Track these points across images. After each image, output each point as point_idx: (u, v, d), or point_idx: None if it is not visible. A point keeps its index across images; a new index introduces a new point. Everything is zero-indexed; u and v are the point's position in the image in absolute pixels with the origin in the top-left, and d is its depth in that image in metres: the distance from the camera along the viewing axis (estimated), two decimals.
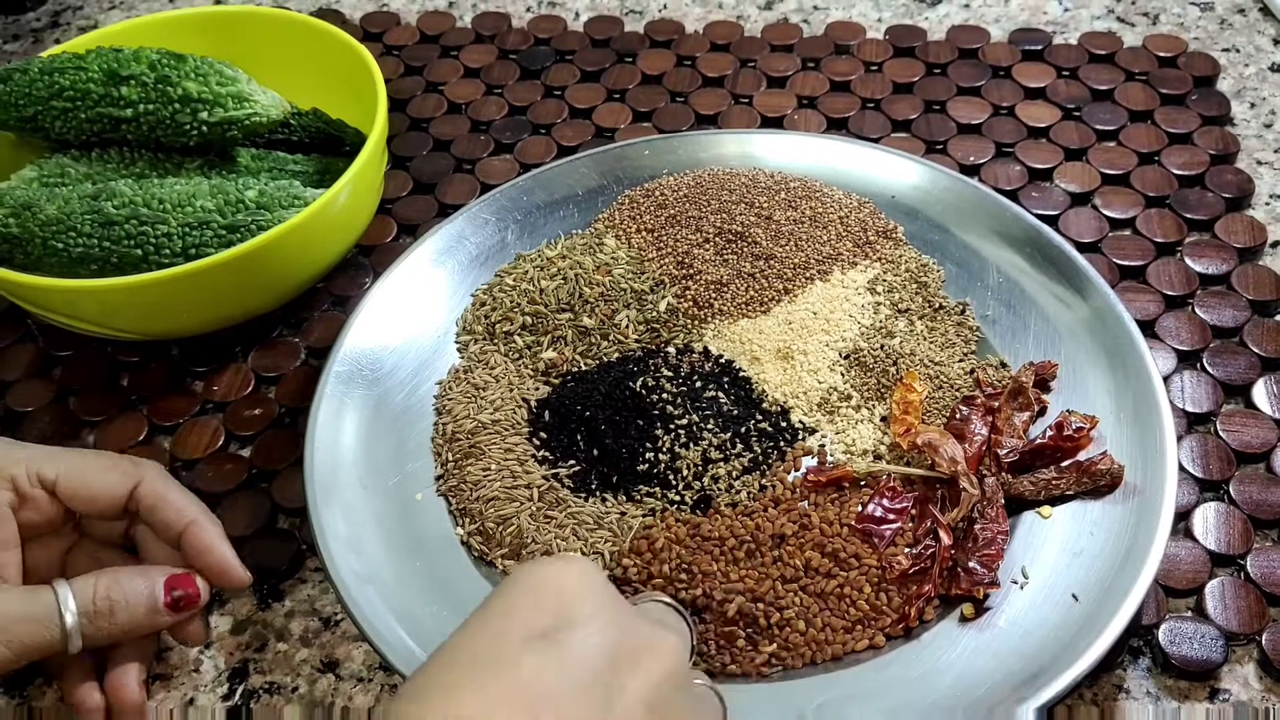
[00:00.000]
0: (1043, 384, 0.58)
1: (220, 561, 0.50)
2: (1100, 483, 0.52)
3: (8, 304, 0.68)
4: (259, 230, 0.60)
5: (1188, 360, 0.62)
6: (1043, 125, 0.75)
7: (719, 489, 0.55)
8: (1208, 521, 0.55)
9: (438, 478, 0.57)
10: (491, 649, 0.35)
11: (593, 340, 0.61)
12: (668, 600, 0.45)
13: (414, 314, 0.62)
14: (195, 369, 0.65)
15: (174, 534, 0.50)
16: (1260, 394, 0.60)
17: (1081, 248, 0.66)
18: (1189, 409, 0.59)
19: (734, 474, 0.55)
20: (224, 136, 0.65)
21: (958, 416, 0.56)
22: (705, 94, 0.79)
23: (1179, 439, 0.57)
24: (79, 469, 0.50)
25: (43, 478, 0.49)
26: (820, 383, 0.59)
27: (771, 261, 0.63)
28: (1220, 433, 0.58)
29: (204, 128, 0.64)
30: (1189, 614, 0.52)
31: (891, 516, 0.53)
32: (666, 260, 0.64)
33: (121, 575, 0.48)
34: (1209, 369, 0.61)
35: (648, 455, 0.56)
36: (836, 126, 0.77)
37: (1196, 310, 0.64)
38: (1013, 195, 0.70)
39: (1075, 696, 0.50)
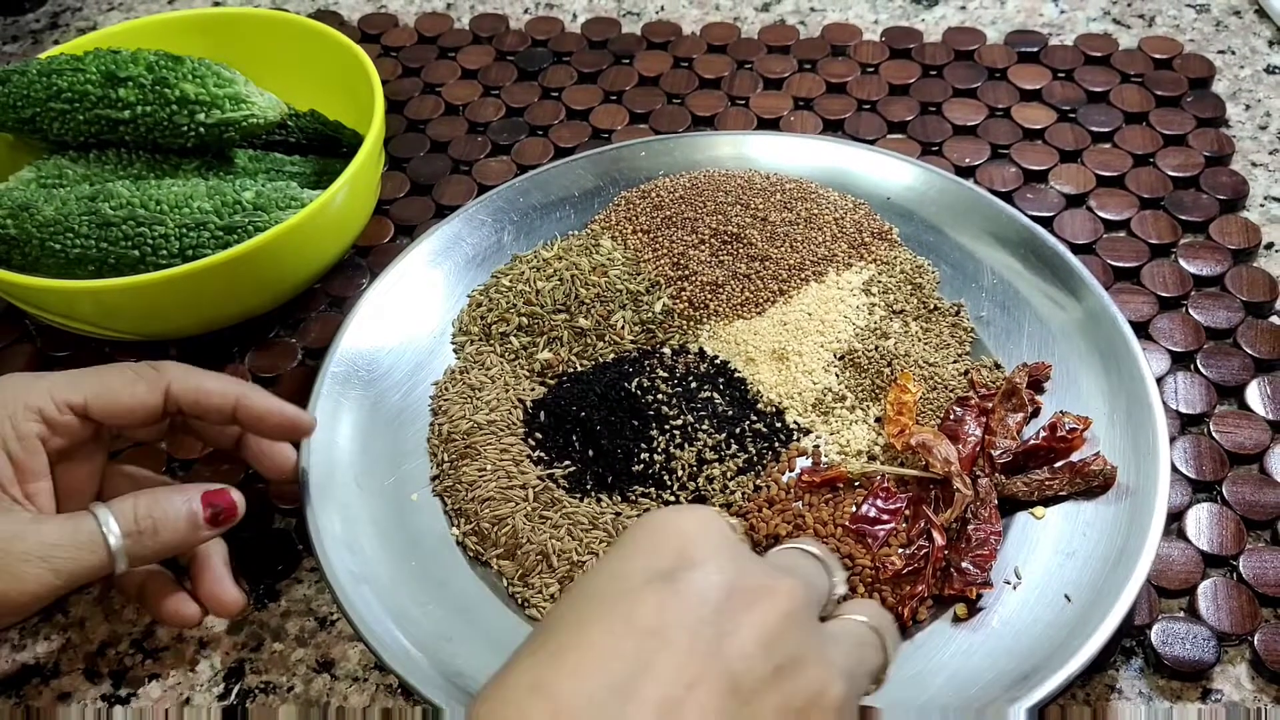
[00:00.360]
0: (1036, 385, 0.58)
1: (283, 419, 0.52)
2: (1093, 484, 0.53)
3: (5, 304, 0.68)
4: (256, 231, 0.60)
5: (1181, 361, 0.62)
6: (1038, 127, 0.75)
7: (714, 490, 0.55)
8: (1200, 522, 0.55)
9: (433, 478, 0.57)
10: (612, 587, 0.36)
11: (588, 341, 0.61)
12: (804, 547, 0.44)
13: (410, 315, 0.63)
14: None
15: (227, 416, 0.51)
16: (1253, 395, 0.60)
17: (1076, 249, 0.66)
18: (1182, 410, 0.59)
19: (729, 474, 0.55)
20: (221, 138, 0.65)
21: (952, 417, 0.56)
22: (702, 95, 0.79)
23: (1172, 440, 0.57)
24: (107, 388, 0.49)
25: (71, 404, 0.49)
26: (815, 383, 0.59)
27: (767, 263, 0.64)
28: (1213, 434, 0.58)
29: (201, 129, 0.64)
30: (1181, 614, 0.52)
31: (885, 517, 0.53)
32: (662, 261, 0.64)
33: (160, 494, 0.48)
34: (1203, 370, 0.61)
35: (643, 456, 0.56)
36: (833, 128, 0.77)
37: (1190, 311, 0.64)
38: (1008, 197, 0.70)
39: (1068, 697, 0.50)
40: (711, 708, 0.33)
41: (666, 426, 0.57)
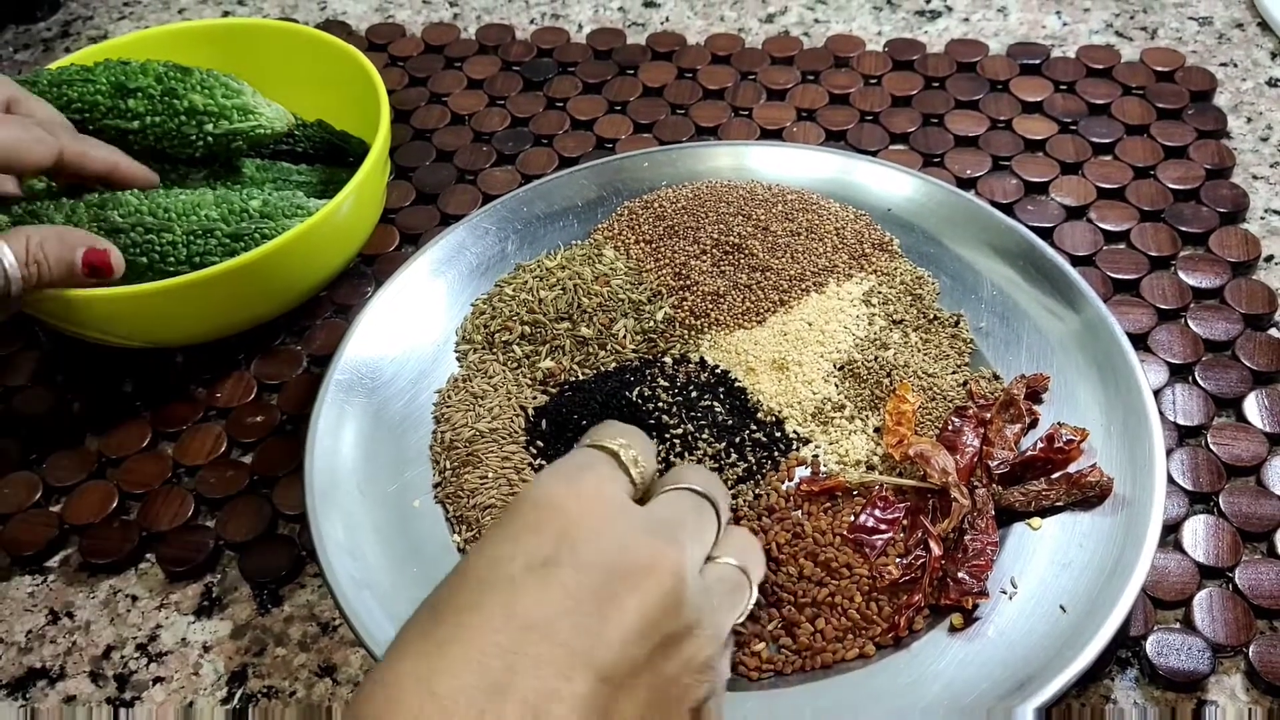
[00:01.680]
0: (1034, 396, 0.58)
1: (142, 181, 0.62)
2: (1090, 495, 0.53)
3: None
4: (263, 239, 0.61)
5: (1180, 373, 0.62)
6: (1039, 139, 0.75)
7: None
8: (1197, 534, 0.55)
9: (436, 485, 0.57)
10: (494, 574, 0.37)
11: (590, 350, 0.61)
12: (688, 485, 0.44)
13: (414, 323, 0.63)
14: (199, 376, 0.66)
15: (102, 175, 0.61)
16: (1251, 407, 0.60)
17: (1076, 261, 0.67)
18: (1180, 422, 0.59)
19: (728, 483, 0.56)
20: (229, 148, 0.65)
21: (950, 428, 0.57)
22: (705, 106, 0.80)
23: (1170, 451, 0.57)
24: (11, 142, 0.57)
25: None
26: (814, 393, 0.59)
27: (768, 273, 0.64)
28: (1211, 445, 0.58)
29: (209, 139, 0.65)
30: (1177, 625, 0.52)
31: (883, 526, 0.53)
32: (664, 271, 0.65)
33: (49, 236, 0.55)
34: (1201, 382, 0.61)
35: None
36: (835, 139, 0.77)
37: (1189, 324, 0.64)
38: (1009, 208, 0.70)
39: (1063, 707, 0.50)
40: (581, 700, 0.34)
41: (667, 435, 0.57)
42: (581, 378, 0.61)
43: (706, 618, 0.39)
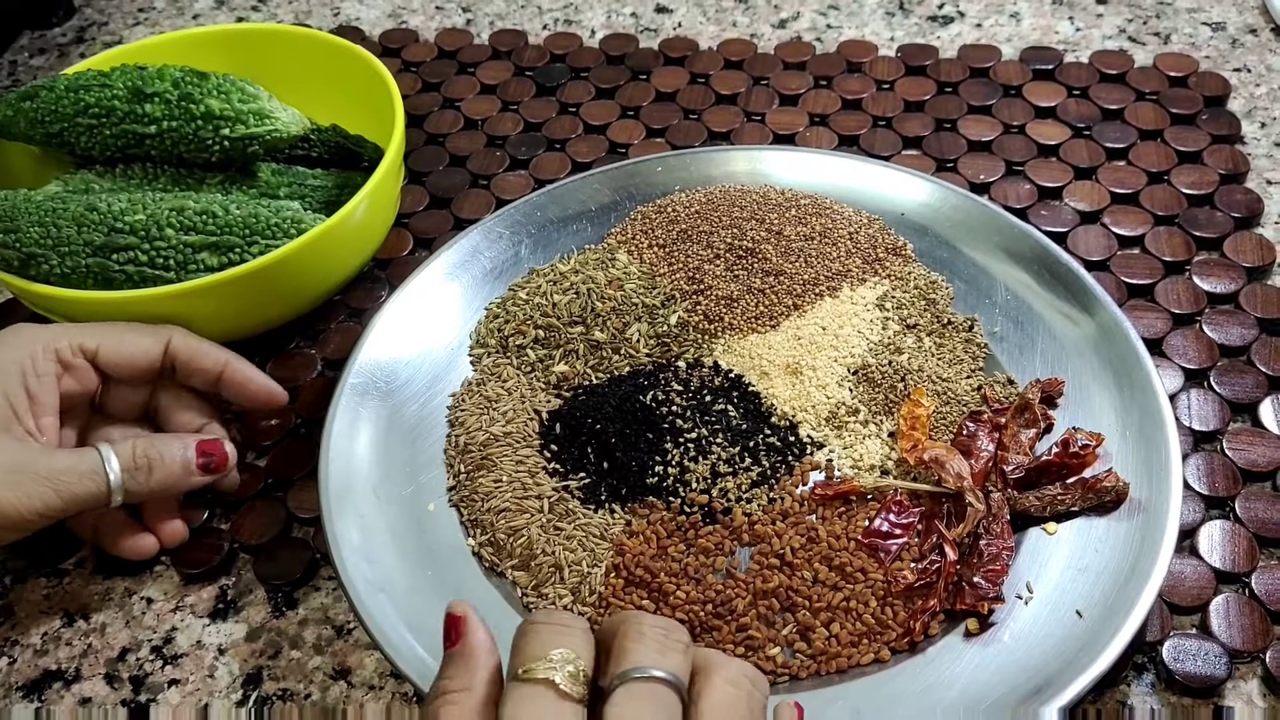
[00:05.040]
0: (1049, 401, 0.58)
1: (260, 389, 0.58)
2: (1105, 499, 0.53)
3: (29, 313, 0.69)
4: (282, 240, 0.61)
5: (1195, 378, 0.62)
6: (1053, 144, 0.75)
7: (728, 502, 0.55)
8: (1213, 539, 0.55)
9: (450, 488, 0.58)
10: None
11: (604, 354, 0.62)
12: (649, 672, 0.38)
13: (428, 327, 0.63)
14: None
15: (212, 378, 0.58)
16: (1267, 412, 0.60)
17: (1090, 266, 0.66)
18: (1196, 427, 0.59)
19: (743, 487, 0.56)
20: (245, 152, 0.66)
21: (964, 432, 0.57)
22: (718, 111, 0.80)
23: (1185, 457, 0.57)
24: (116, 338, 0.56)
25: (85, 348, 0.55)
26: (828, 398, 0.59)
27: (781, 277, 0.64)
28: (1227, 451, 0.58)
29: (226, 143, 0.65)
30: (1193, 631, 0.52)
31: (898, 531, 0.53)
32: (677, 275, 0.65)
33: (158, 439, 0.54)
34: (1216, 387, 0.61)
35: (657, 468, 0.56)
36: (848, 144, 0.77)
37: (1204, 329, 0.64)
38: (1022, 213, 0.70)
39: (1079, 713, 0.50)
40: None
41: (681, 439, 0.57)
42: (595, 381, 0.61)
43: None
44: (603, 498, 0.56)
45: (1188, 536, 0.55)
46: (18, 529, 0.51)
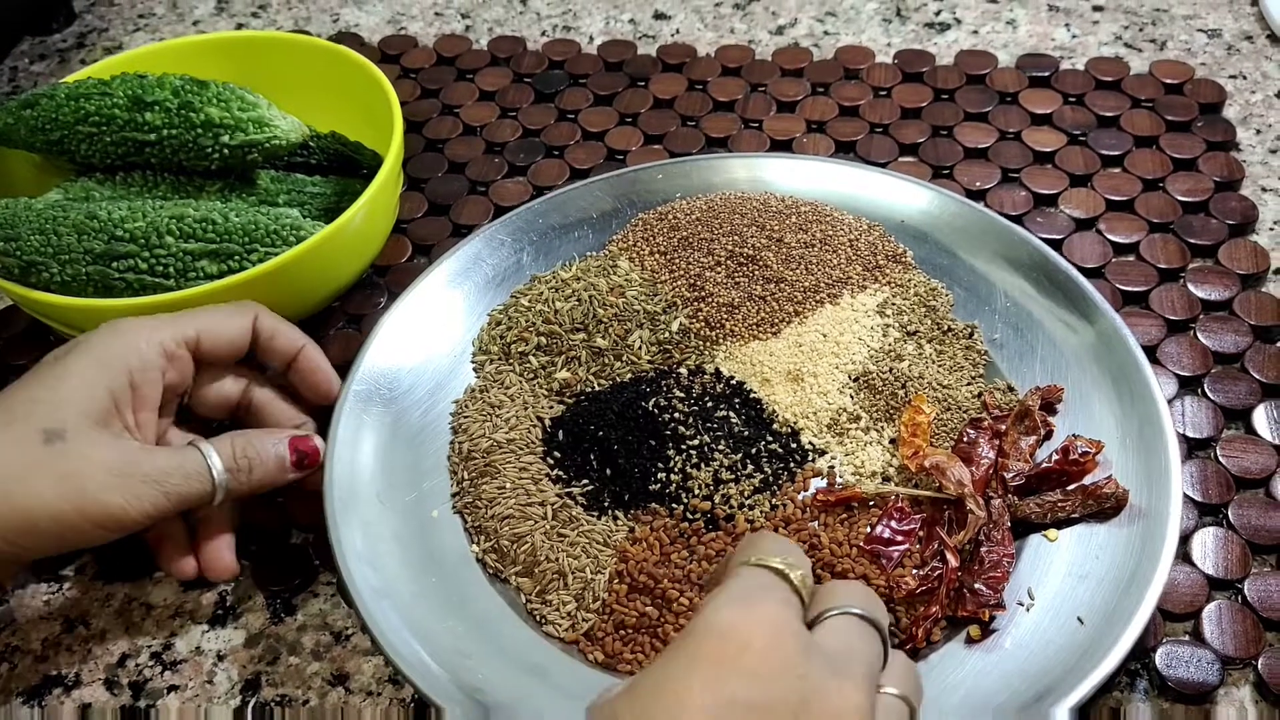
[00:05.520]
0: (1049, 408, 0.58)
1: (325, 378, 0.59)
2: (1105, 506, 0.53)
3: (31, 320, 0.69)
4: (282, 247, 0.61)
5: (1189, 385, 0.62)
6: (1048, 150, 0.76)
7: (730, 509, 0.55)
8: (1206, 546, 0.55)
9: (454, 495, 0.58)
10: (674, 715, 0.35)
11: (606, 360, 0.62)
12: (853, 610, 0.41)
13: (431, 334, 0.63)
14: None
15: (287, 359, 0.58)
16: (1260, 420, 0.60)
17: (1085, 273, 0.66)
18: (1190, 434, 0.59)
19: (745, 494, 0.56)
20: (244, 160, 0.66)
21: (965, 439, 0.57)
22: (716, 118, 0.80)
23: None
24: (212, 323, 0.56)
25: (187, 339, 0.55)
26: (830, 404, 0.60)
27: (782, 284, 0.64)
28: (1220, 458, 0.58)
29: (225, 151, 0.65)
30: (1186, 638, 0.52)
31: (899, 538, 0.54)
32: (679, 282, 0.65)
33: (253, 436, 0.54)
34: (1210, 394, 0.61)
35: (660, 475, 0.57)
36: (845, 150, 0.78)
37: (1198, 336, 0.64)
38: (1018, 220, 0.71)
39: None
40: None
41: (683, 446, 0.57)
42: (597, 388, 0.61)
43: None
44: (606, 504, 0.56)
45: (1181, 543, 0.55)
46: (125, 530, 0.50)
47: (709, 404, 0.59)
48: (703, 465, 0.57)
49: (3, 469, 0.48)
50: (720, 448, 0.57)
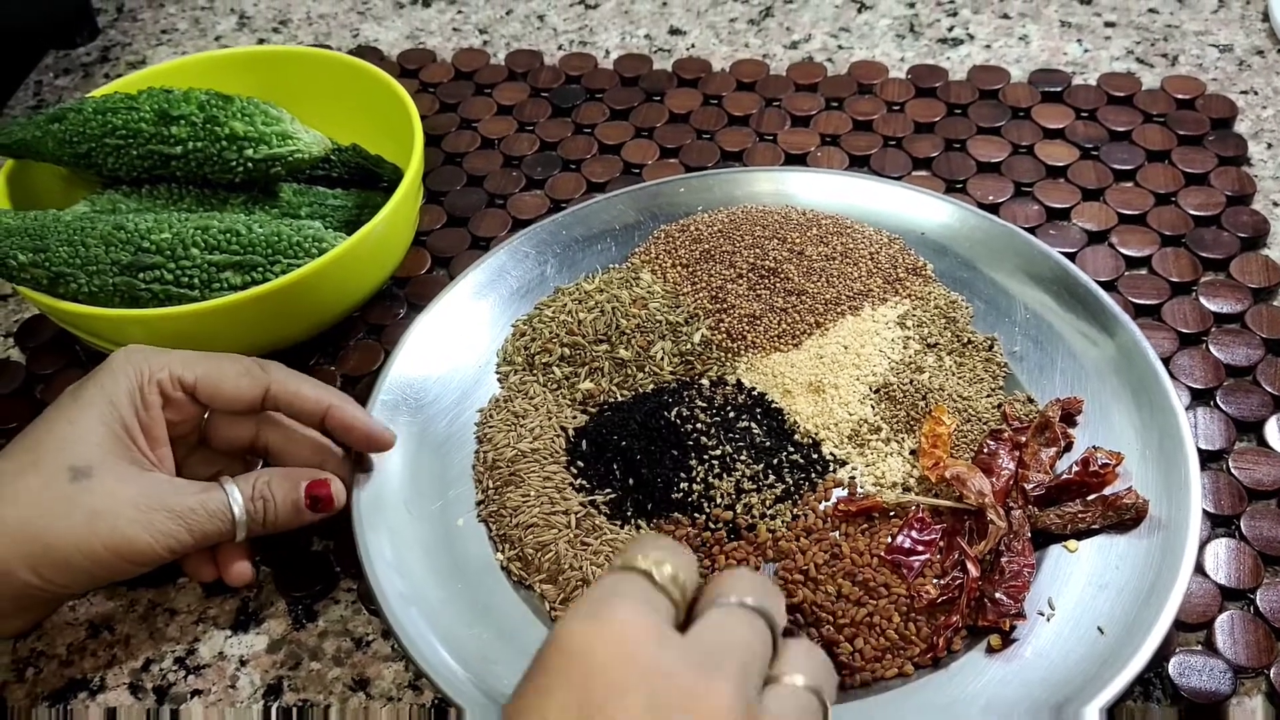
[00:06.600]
0: (1069, 419, 0.59)
1: (366, 432, 0.56)
2: (1125, 517, 0.54)
3: (58, 329, 0.69)
4: (304, 259, 0.62)
5: (1201, 398, 0.63)
6: (1061, 165, 0.76)
7: (752, 518, 0.56)
8: (1219, 557, 0.55)
9: (479, 504, 0.58)
10: None
11: (629, 371, 0.62)
12: (739, 599, 0.40)
13: (456, 345, 0.64)
14: None
15: (314, 421, 0.56)
16: (1272, 432, 0.60)
17: (1098, 286, 0.67)
18: (1202, 446, 0.59)
19: (766, 503, 0.57)
20: (268, 173, 0.67)
21: (985, 451, 0.57)
22: (731, 132, 0.81)
23: None
24: (214, 374, 0.54)
25: (183, 381, 0.54)
26: (851, 415, 0.60)
27: (803, 296, 0.65)
28: (1232, 470, 0.59)
29: (249, 164, 0.66)
30: (1199, 647, 0.53)
31: (920, 548, 0.54)
32: (701, 294, 0.66)
33: (275, 477, 0.54)
34: (1222, 406, 0.62)
35: (682, 485, 0.57)
36: (858, 164, 0.78)
37: (1211, 349, 0.65)
38: (1030, 233, 0.71)
39: None
40: None
41: (705, 456, 0.58)
42: (620, 399, 0.62)
43: None
44: (628, 513, 0.57)
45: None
46: (148, 565, 0.51)
47: (731, 415, 0.60)
48: (725, 475, 0.57)
49: (35, 509, 0.49)
50: (742, 458, 0.58)
